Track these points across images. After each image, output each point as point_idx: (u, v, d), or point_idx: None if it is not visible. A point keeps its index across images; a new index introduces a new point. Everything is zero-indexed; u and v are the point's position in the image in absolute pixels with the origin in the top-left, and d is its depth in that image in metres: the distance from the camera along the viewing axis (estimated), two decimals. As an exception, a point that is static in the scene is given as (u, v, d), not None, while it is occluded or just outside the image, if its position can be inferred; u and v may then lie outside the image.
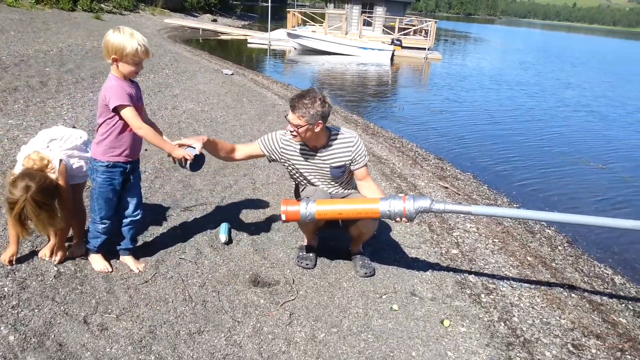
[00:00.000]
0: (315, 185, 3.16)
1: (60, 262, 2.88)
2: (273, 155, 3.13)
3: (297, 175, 3.20)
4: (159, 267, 3.03)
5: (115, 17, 20.83)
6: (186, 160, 2.68)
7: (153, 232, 3.46)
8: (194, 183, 4.45)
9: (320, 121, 2.85)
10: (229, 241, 3.47)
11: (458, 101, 12.89)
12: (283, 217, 2.82)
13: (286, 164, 3.16)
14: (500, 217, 4.86)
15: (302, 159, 3.07)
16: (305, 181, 3.19)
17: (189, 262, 3.14)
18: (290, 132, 2.93)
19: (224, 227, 3.55)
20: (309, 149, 3.05)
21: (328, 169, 3.07)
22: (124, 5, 23.63)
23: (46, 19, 15.40)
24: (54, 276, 2.77)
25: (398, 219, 2.76)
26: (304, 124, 2.82)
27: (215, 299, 2.80)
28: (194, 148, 2.74)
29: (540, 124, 10.77)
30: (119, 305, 2.62)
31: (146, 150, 5.06)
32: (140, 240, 3.29)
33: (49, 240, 2.96)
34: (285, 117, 2.96)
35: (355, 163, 3.07)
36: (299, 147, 3.05)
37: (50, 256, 2.92)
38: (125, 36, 2.47)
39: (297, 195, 3.40)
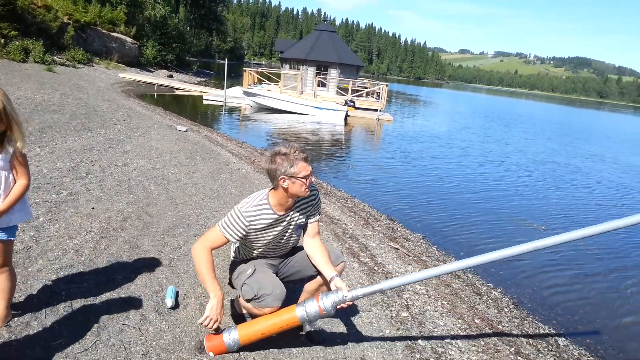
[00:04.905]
0: (262, 258, 3.05)
1: None
2: (239, 237, 2.86)
3: (252, 246, 3.00)
4: (101, 334, 2.90)
5: (68, 70, 20.59)
6: None
7: (95, 295, 3.31)
8: (142, 244, 4.33)
9: None
10: (176, 306, 3.37)
11: (408, 161, 13.30)
12: (211, 355, 2.84)
13: (249, 239, 2.92)
14: (414, 282, 4.87)
15: (270, 226, 2.88)
16: (255, 253, 3.04)
17: (133, 328, 3.02)
18: (308, 187, 2.77)
19: (170, 290, 3.45)
20: (280, 216, 2.87)
21: (293, 229, 2.97)
22: (77, 58, 23.48)
23: (-5, 70, 15.07)
24: (-16, 345, 2.60)
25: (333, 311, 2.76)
26: None
27: (159, 369, 2.69)
28: None
29: (484, 183, 11.23)
30: (54, 377, 2.48)
31: (93, 208, 4.94)
32: (81, 303, 3.15)
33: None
34: (305, 177, 2.72)
35: (312, 217, 3.02)
36: (268, 216, 2.85)
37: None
38: None
39: (232, 270, 3.17)
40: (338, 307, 2.77)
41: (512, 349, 3.82)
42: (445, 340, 3.66)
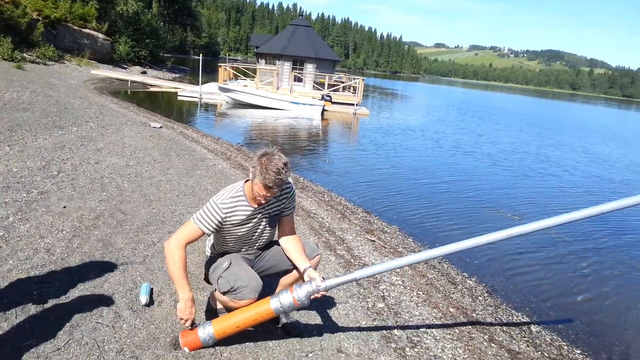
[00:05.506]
0: (237, 252, 3.02)
1: None
2: (214, 229, 2.83)
3: (225, 240, 2.97)
4: (73, 333, 2.86)
5: (38, 67, 20.11)
6: None
7: (68, 294, 3.27)
8: (115, 242, 4.28)
9: None
10: (150, 303, 3.34)
11: (384, 155, 13.40)
12: (186, 350, 2.82)
13: (223, 231, 2.90)
14: (387, 271, 4.91)
15: (246, 219, 2.85)
16: (230, 246, 3.00)
17: (106, 326, 2.99)
18: (260, 201, 2.74)
19: (144, 287, 3.42)
20: (255, 208, 2.84)
21: (267, 221, 2.94)
22: (48, 55, 22.95)
23: (-39, 68, 14.66)
24: (-48, 348, 2.55)
25: (303, 303, 2.76)
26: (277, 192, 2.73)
27: (133, 366, 2.67)
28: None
29: (458, 174, 11.40)
30: (25, 377, 2.44)
31: (65, 207, 4.86)
32: (53, 303, 3.10)
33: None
34: (258, 192, 2.68)
35: (287, 210, 3.00)
36: (244, 208, 2.82)
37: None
38: None
39: (209, 266, 3.12)
40: (312, 297, 2.79)
41: (486, 336, 3.89)
42: (421, 330, 3.71)
